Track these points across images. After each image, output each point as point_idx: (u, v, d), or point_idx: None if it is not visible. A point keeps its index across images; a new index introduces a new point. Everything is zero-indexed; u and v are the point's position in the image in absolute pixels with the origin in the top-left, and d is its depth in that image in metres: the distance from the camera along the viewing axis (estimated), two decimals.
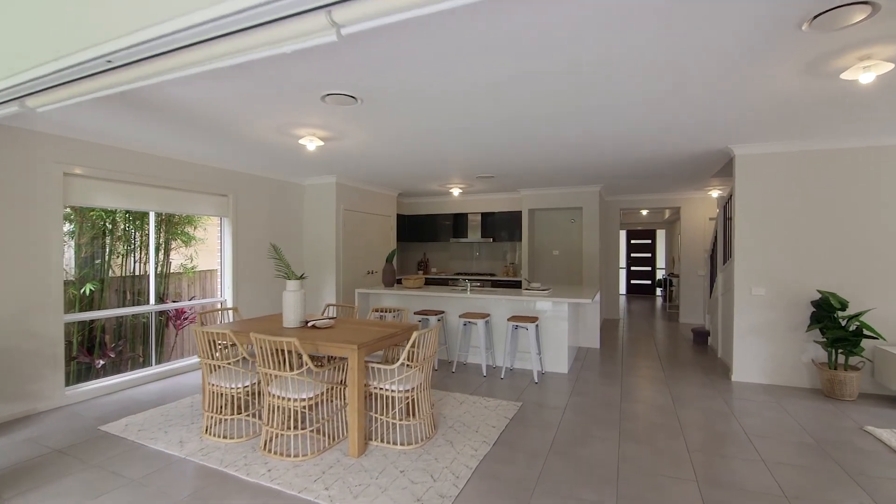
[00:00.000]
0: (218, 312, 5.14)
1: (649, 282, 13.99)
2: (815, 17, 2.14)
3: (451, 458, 2.92)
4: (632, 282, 14.18)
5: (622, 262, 13.71)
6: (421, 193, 8.85)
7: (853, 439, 3.34)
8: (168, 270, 5.56)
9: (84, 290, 4.67)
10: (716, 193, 8.06)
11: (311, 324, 3.50)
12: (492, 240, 8.67)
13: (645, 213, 10.68)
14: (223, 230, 5.70)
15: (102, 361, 4.92)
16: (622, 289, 13.85)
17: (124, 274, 5.19)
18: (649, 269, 14.01)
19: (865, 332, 4.15)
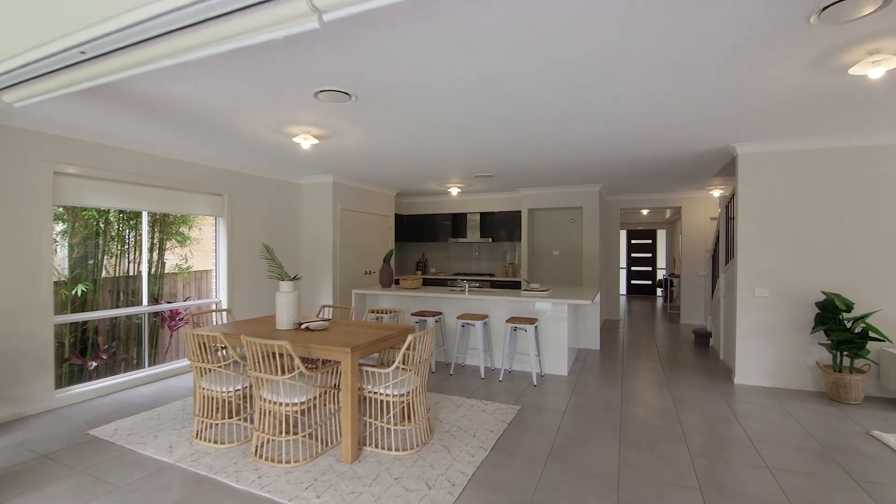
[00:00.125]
0: (212, 314, 5.07)
1: (650, 282, 13.90)
2: (823, 9, 2.06)
3: (447, 465, 2.84)
4: (632, 282, 14.10)
5: (622, 262, 13.63)
6: (419, 193, 8.77)
7: (859, 444, 3.26)
8: (162, 271, 5.49)
9: (76, 291, 4.59)
10: (717, 193, 7.97)
11: (304, 326, 3.42)
12: (491, 240, 8.59)
13: (645, 212, 10.60)
14: (218, 230, 5.63)
15: (95, 363, 4.85)
16: (622, 289, 13.77)
17: (118, 274, 5.11)
18: (650, 269, 13.93)
19: (871, 334, 4.07)
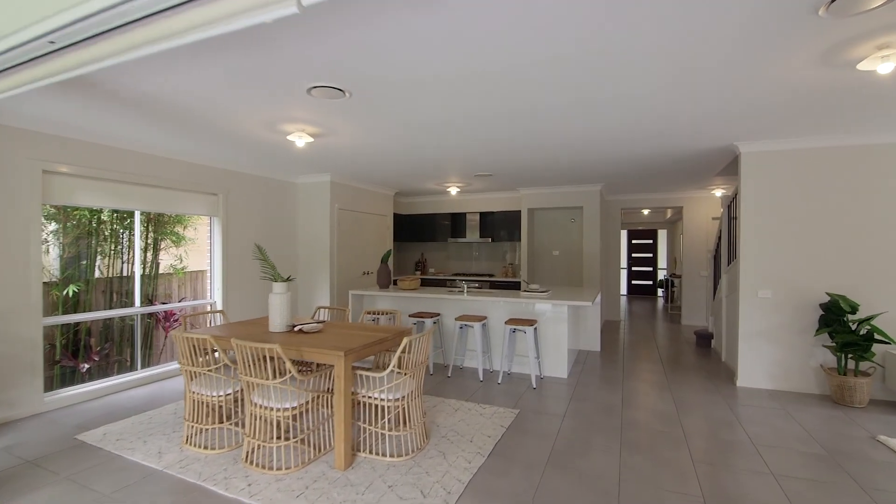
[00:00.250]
0: (207, 315, 4.99)
1: (650, 282, 13.82)
2: (833, 1, 1.98)
3: (442, 472, 2.76)
4: (633, 282, 14.01)
5: (623, 262, 13.55)
6: (418, 192, 8.69)
7: (865, 449, 3.18)
8: (157, 271, 5.41)
9: (67, 292, 4.52)
10: (719, 193, 7.89)
11: (297, 328, 3.34)
12: (490, 240, 8.51)
13: (646, 212, 10.52)
14: (213, 230, 5.55)
15: (87, 365, 4.78)
16: (623, 289, 13.68)
17: (111, 275, 5.04)
18: (650, 269, 13.84)
19: (876, 336, 3.99)
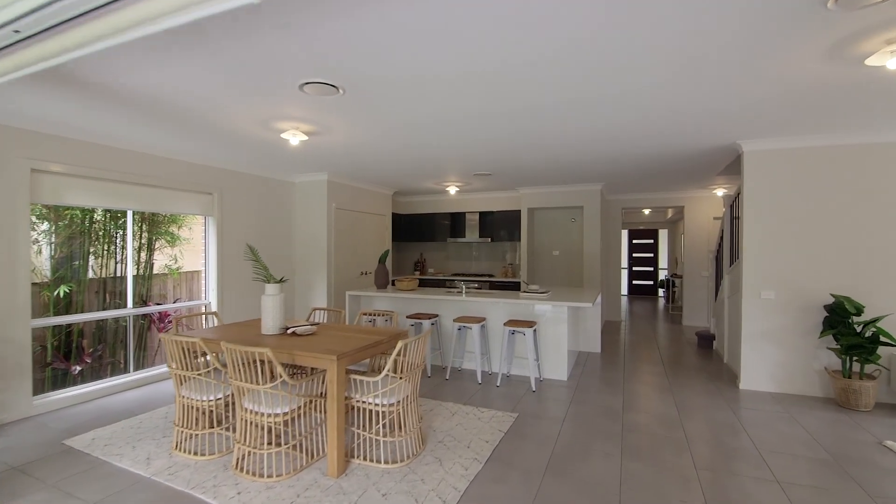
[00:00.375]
0: (201, 317, 4.91)
1: (651, 282, 13.74)
2: None
3: (438, 479, 2.68)
4: (633, 282, 13.93)
5: (624, 262, 13.47)
6: (417, 192, 8.61)
7: (872, 455, 3.10)
8: (151, 272, 5.33)
9: (58, 293, 4.44)
10: (721, 192, 7.81)
11: (291, 330, 3.26)
12: (490, 240, 8.43)
13: (647, 212, 10.44)
14: (207, 230, 5.47)
15: (79, 367, 4.70)
16: (624, 290, 13.60)
17: (105, 275, 4.96)
18: (651, 269, 13.76)
19: (882, 338, 3.91)
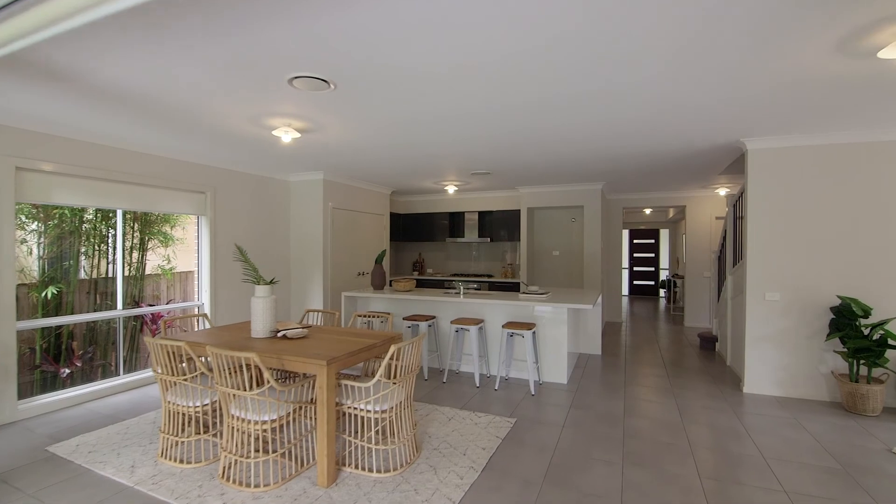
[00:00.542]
0: (193, 319, 4.81)
1: (652, 283, 13.63)
2: None
3: (432, 489, 2.58)
4: (634, 282, 13.83)
5: (625, 262, 13.36)
6: (415, 191, 8.51)
7: (882, 463, 3.00)
8: (143, 272, 5.24)
9: (45, 294, 4.34)
10: (723, 192, 7.71)
11: (281, 333, 3.16)
12: (490, 240, 8.33)
13: (648, 211, 10.34)
14: (200, 229, 5.37)
15: (68, 370, 4.60)
16: (625, 290, 13.50)
17: (97, 276, 4.87)
18: (652, 269, 13.65)
19: (890, 341, 3.81)
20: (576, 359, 5.62)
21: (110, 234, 4.95)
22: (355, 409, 2.77)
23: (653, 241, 13.62)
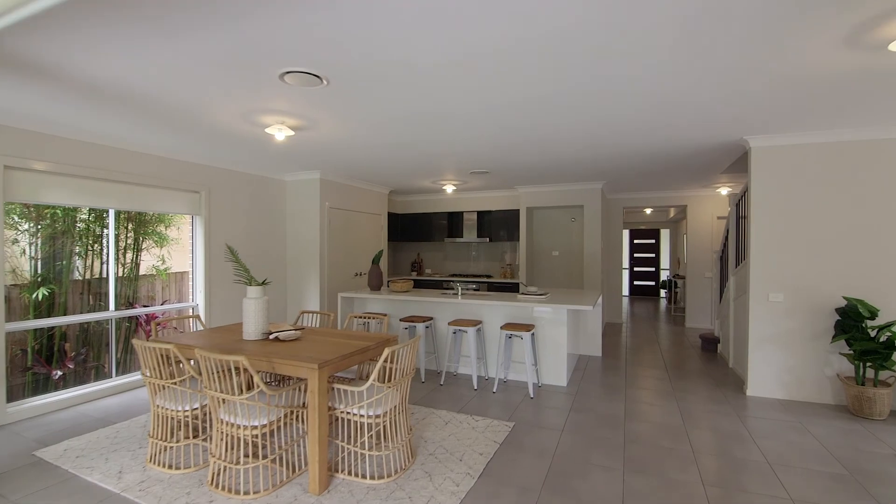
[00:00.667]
0: (186, 320, 4.74)
1: (653, 283, 13.55)
2: None
3: (427, 497, 2.50)
4: (635, 283, 13.74)
5: (625, 262, 13.28)
6: (413, 191, 8.43)
7: (890, 469, 2.92)
8: (137, 273, 5.16)
9: (37, 295, 4.26)
10: (725, 191, 7.62)
11: (274, 336, 3.09)
12: (489, 240, 8.25)
13: (649, 211, 10.25)
14: (195, 229, 5.30)
15: (61, 372, 4.53)
16: (625, 290, 13.42)
17: (90, 276, 4.79)
18: (653, 269, 13.57)
19: None
20: (575, 360, 5.54)
21: (104, 234, 4.88)
22: (348, 413, 2.69)
23: (653, 241, 13.54)
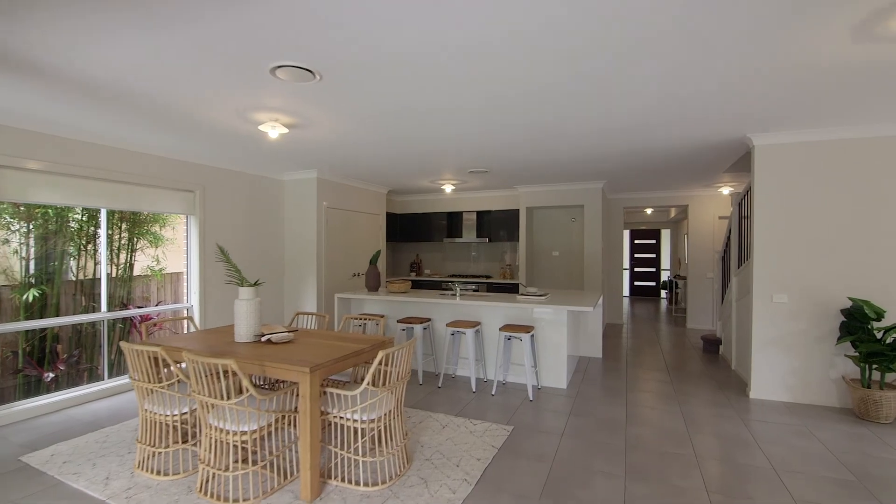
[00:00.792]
0: (179, 321, 4.66)
1: (653, 283, 13.47)
2: None
3: None
4: (635, 283, 13.66)
5: (625, 262, 13.20)
6: (412, 191, 8.35)
7: None
8: (131, 273, 5.09)
9: (27, 297, 4.19)
10: (726, 190, 7.55)
11: (266, 338, 3.01)
12: (488, 240, 8.17)
13: (649, 211, 10.18)
14: (189, 229, 5.22)
15: (53, 374, 4.45)
16: (625, 290, 13.34)
17: (83, 277, 4.72)
18: (654, 270, 13.49)
19: None
20: (576, 362, 5.46)
21: (97, 234, 4.80)
22: (341, 418, 2.62)
23: (654, 241, 13.46)
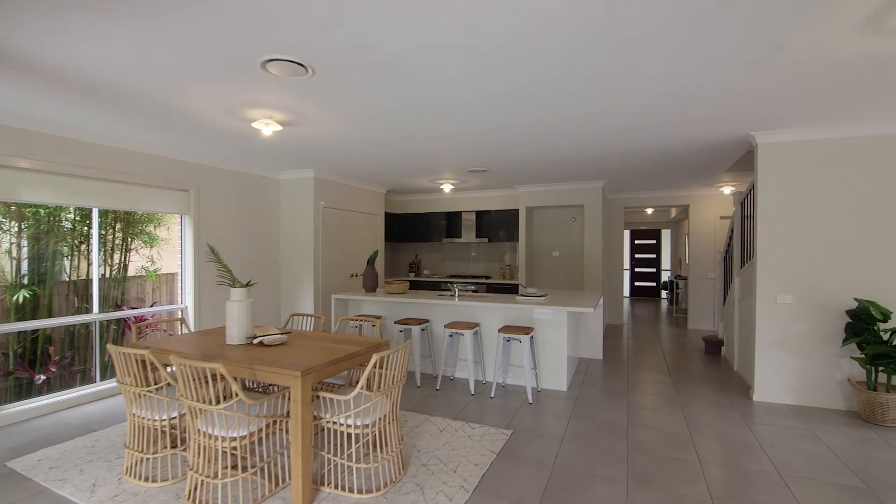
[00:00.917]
0: (173, 322, 4.59)
1: (654, 284, 13.39)
2: None
3: None
4: (636, 284, 13.59)
5: (626, 263, 13.12)
6: (411, 190, 8.28)
7: None
8: (125, 274, 5.01)
9: (17, 298, 4.11)
10: (728, 190, 7.47)
11: (258, 340, 2.93)
12: (487, 240, 8.10)
13: (650, 211, 10.11)
14: (183, 229, 5.15)
15: (44, 376, 4.38)
16: (626, 291, 13.26)
17: (76, 278, 4.64)
18: (654, 270, 13.42)
19: None
20: (576, 364, 5.39)
21: (91, 234, 4.73)
22: (335, 423, 2.54)
23: (654, 241, 13.39)
